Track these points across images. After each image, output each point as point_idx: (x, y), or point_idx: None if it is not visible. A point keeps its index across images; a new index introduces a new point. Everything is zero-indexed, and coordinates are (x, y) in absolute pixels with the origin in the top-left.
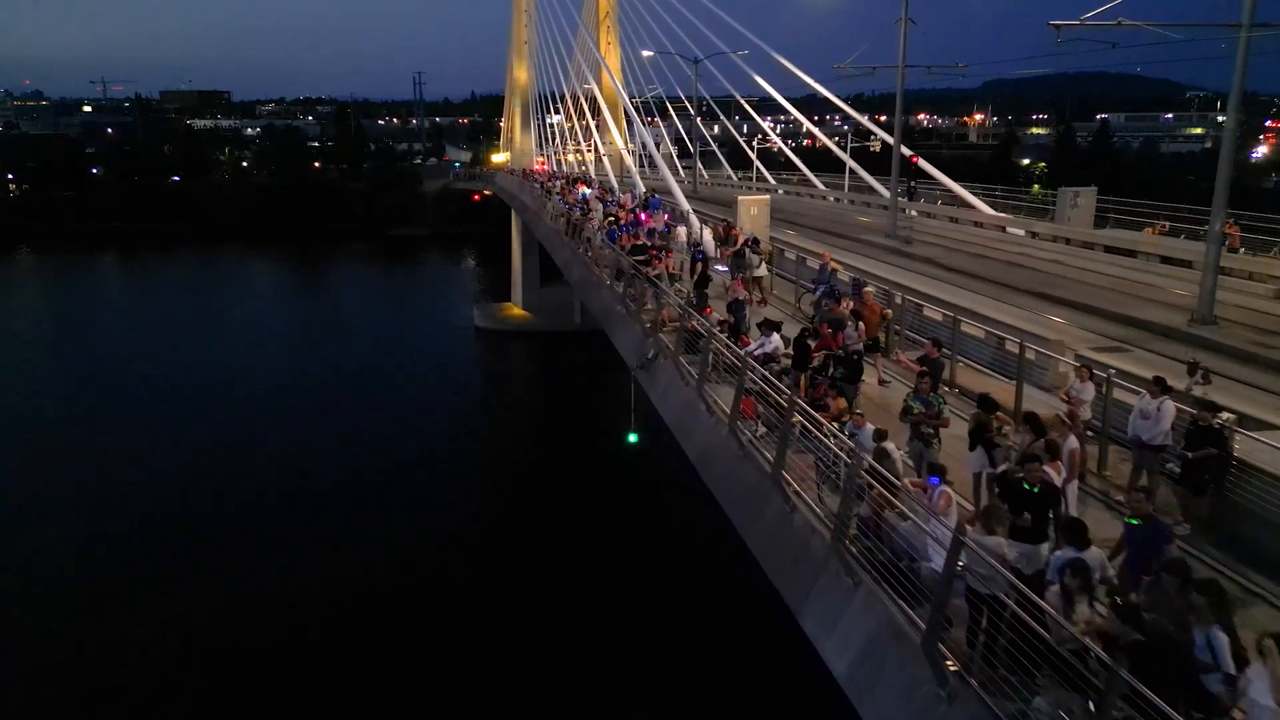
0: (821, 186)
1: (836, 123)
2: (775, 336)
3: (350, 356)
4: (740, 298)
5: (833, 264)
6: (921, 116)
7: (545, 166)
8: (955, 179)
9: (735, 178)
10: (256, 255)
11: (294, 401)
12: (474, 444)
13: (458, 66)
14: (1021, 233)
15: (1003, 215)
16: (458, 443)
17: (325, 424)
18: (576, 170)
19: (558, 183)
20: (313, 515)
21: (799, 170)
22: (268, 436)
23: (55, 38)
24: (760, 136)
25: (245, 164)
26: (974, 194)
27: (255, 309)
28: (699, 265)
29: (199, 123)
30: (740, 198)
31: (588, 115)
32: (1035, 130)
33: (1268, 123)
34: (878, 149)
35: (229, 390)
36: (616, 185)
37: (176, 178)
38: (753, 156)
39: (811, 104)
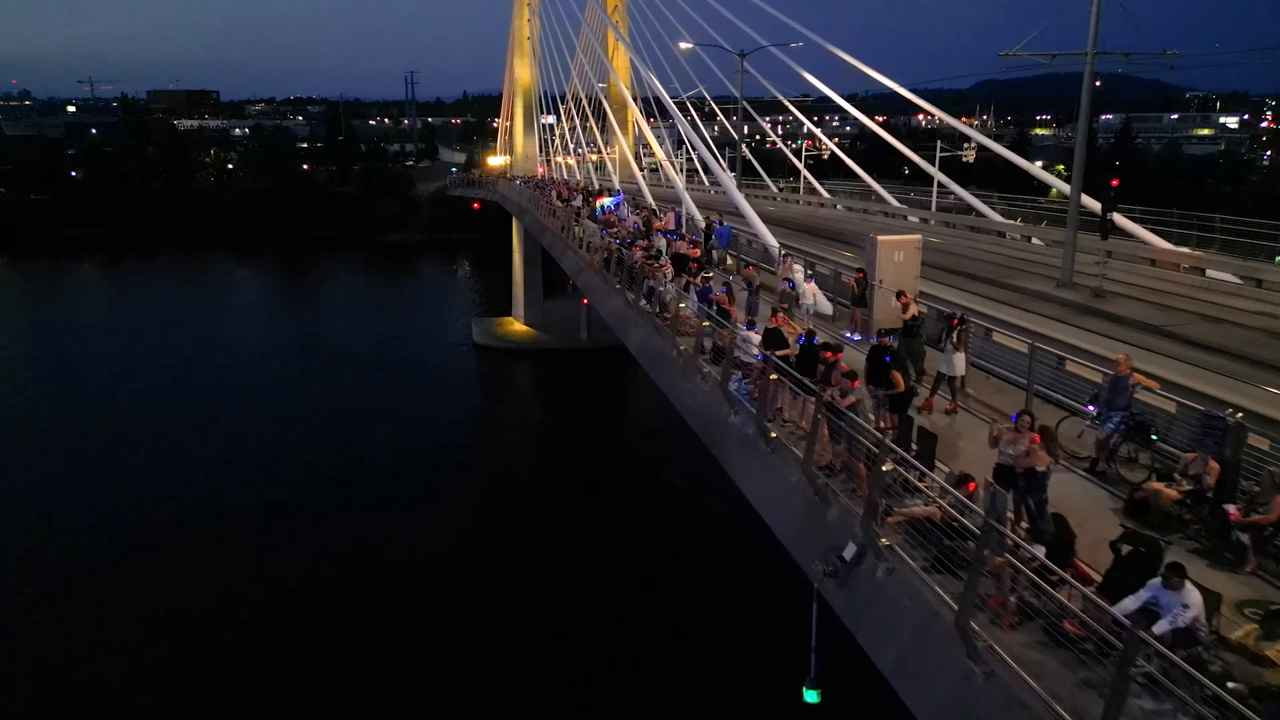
0: (895, 203)
1: (835, 123)
2: (1192, 591)
3: (340, 377)
4: (1041, 469)
5: (1138, 378)
6: (920, 117)
7: (546, 172)
8: (968, 185)
9: (777, 190)
10: (241, 263)
11: (275, 427)
12: (477, 476)
13: (449, 66)
14: (1233, 279)
15: (1187, 251)
16: (458, 476)
17: (310, 450)
18: (593, 178)
19: (578, 197)
20: (285, 550)
21: (834, 181)
22: (240, 470)
23: (45, 37)
24: (806, 139)
25: (231, 166)
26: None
27: (237, 325)
28: (900, 377)
29: (185, 123)
30: (880, 238)
31: (609, 115)
32: (1039, 131)
33: (1262, 124)
34: (971, 159)
35: (202, 416)
36: (651, 199)
37: (159, 181)
38: (799, 164)
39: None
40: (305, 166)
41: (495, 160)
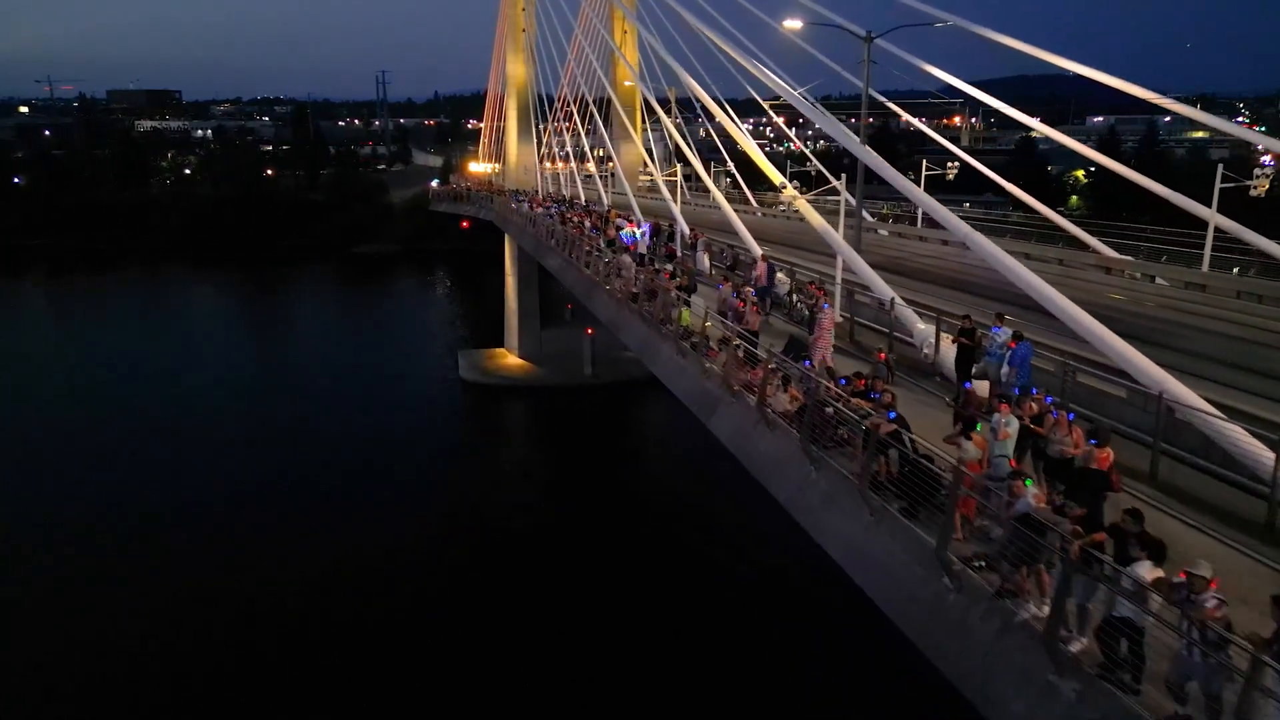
0: (1111, 252)
1: (811, 131)
2: None
3: (303, 419)
4: None
5: None
6: (904, 118)
7: (557, 189)
8: (975, 192)
9: (872, 219)
10: (199, 278)
11: (233, 483)
12: (469, 539)
13: (420, 65)
14: None
15: None
16: (444, 540)
17: (265, 510)
18: (634, 205)
19: (728, 289)
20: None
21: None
22: (173, 521)
23: (7, 37)
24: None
25: (189, 171)
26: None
27: (184, 353)
28: None
29: (144, 124)
30: None
31: (663, 120)
32: (1032, 134)
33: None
34: (1263, 190)
35: (140, 459)
36: (757, 247)
37: (111, 186)
38: (917, 190)
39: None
40: (270, 172)
41: (478, 167)
